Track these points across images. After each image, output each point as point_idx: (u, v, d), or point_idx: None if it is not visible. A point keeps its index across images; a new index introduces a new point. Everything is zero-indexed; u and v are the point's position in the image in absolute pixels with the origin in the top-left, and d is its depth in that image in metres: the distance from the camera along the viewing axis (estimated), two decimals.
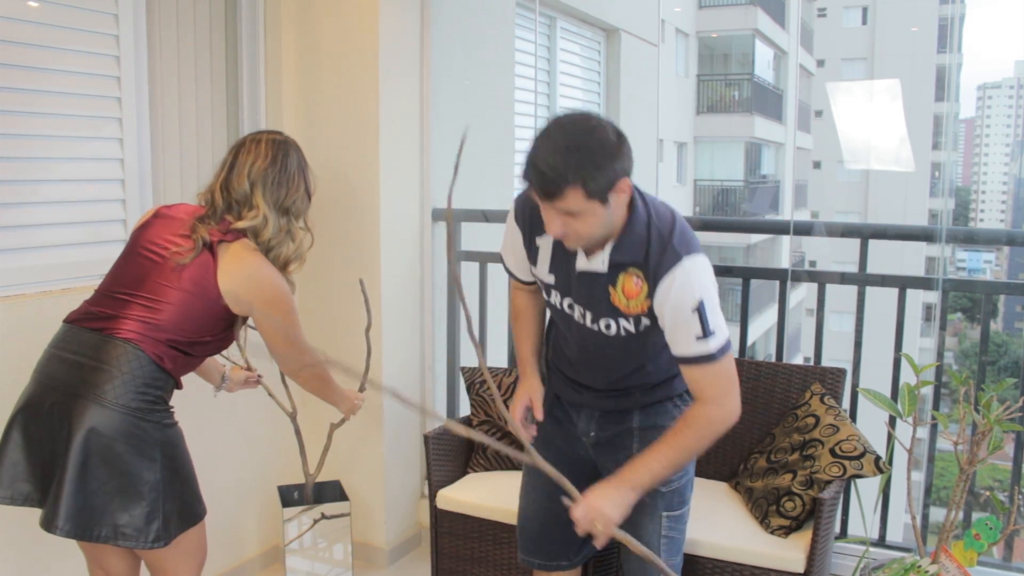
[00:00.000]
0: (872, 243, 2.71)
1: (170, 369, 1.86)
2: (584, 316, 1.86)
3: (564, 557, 2.13)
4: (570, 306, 1.88)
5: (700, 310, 1.72)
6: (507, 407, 2.73)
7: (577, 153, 1.61)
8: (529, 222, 1.90)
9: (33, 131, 2.26)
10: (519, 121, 4.32)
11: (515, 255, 1.99)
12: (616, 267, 1.78)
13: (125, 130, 2.46)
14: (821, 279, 2.77)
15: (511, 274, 2.07)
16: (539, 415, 2.02)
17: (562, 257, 1.85)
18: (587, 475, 2.06)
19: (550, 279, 1.89)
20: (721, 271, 2.97)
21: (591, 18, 5.36)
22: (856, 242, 2.73)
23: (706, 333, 1.73)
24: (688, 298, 1.72)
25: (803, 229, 2.97)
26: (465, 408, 2.99)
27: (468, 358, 3.31)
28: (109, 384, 1.77)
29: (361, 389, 2.51)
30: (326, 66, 2.89)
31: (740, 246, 13.05)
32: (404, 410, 3.09)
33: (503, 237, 2.02)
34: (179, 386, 1.95)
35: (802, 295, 10.21)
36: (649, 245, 1.75)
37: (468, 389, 2.83)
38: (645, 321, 1.80)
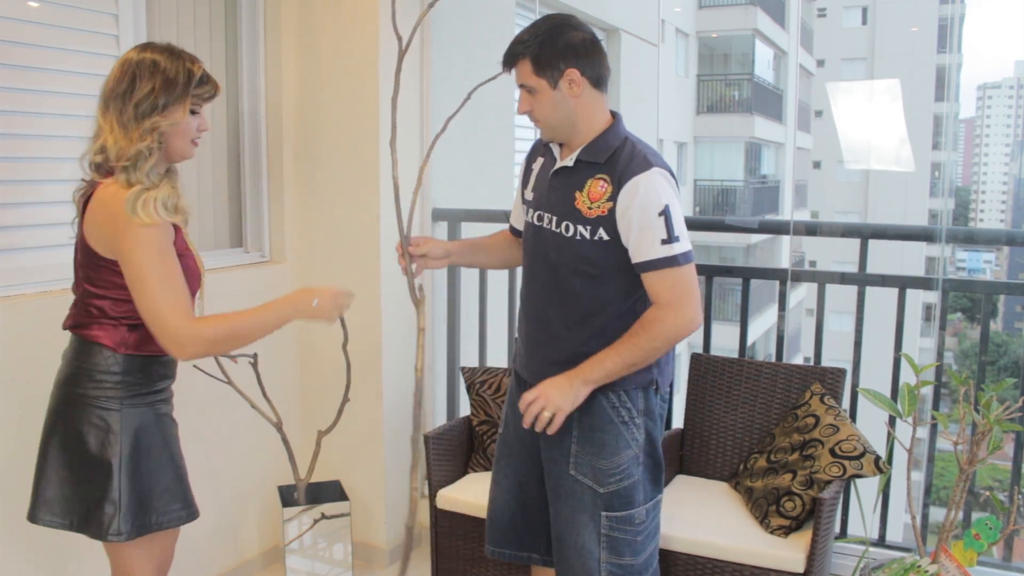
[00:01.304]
0: (872, 243, 2.71)
1: (138, 351, 1.76)
2: (551, 221, 1.92)
3: (534, 548, 2.11)
4: (539, 218, 1.96)
5: (666, 214, 1.79)
6: (500, 405, 2.75)
7: (538, 33, 1.83)
8: (532, 152, 2.08)
9: (33, 131, 2.26)
10: (519, 121, 4.32)
11: (516, 198, 2.13)
12: (585, 169, 1.88)
13: None
14: (821, 279, 2.77)
15: (511, 226, 2.21)
16: (414, 250, 2.12)
17: (544, 172, 1.99)
18: (540, 480, 2.06)
19: (530, 196, 2.01)
20: (721, 271, 2.98)
21: (591, 18, 5.36)
22: (856, 242, 2.73)
23: (671, 237, 1.79)
24: (655, 201, 1.79)
25: (802, 229, 2.98)
26: (465, 408, 2.99)
27: (468, 358, 3.31)
28: (75, 377, 1.76)
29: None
30: (326, 66, 2.89)
31: (740, 246, 13.06)
32: (404, 410, 3.09)
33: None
34: (156, 353, 1.78)
35: (802, 295, 10.21)
36: (619, 151, 1.86)
37: (468, 389, 2.83)
38: (603, 233, 1.84)
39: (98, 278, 1.74)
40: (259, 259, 2.98)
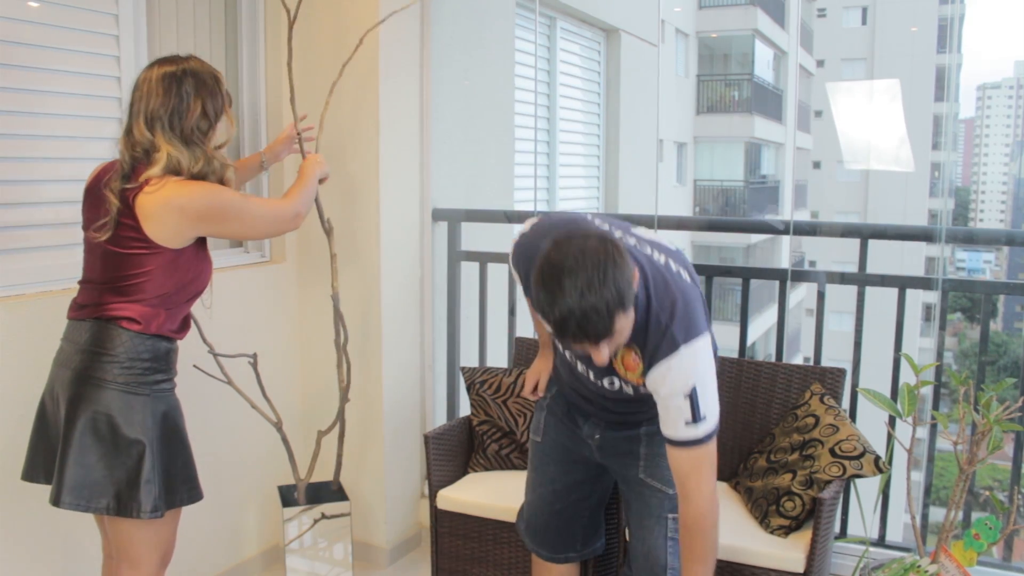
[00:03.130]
0: (872, 243, 2.71)
1: (162, 332, 1.90)
2: (587, 372, 1.94)
3: (571, 548, 2.20)
4: (572, 357, 1.97)
5: (692, 396, 1.76)
6: (506, 405, 2.76)
7: (602, 286, 1.56)
8: (526, 268, 1.87)
9: (33, 131, 2.26)
10: (519, 121, 4.31)
11: None
12: None
13: None
14: (821, 279, 2.77)
15: None
16: (541, 391, 2.19)
17: None
18: (592, 475, 2.12)
19: (551, 328, 1.80)
20: (721, 271, 2.98)
21: (591, 18, 5.36)
22: (856, 242, 2.73)
23: (696, 418, 1.76)
24: (682, 385, 1.75)
25: (803, 229, 2.98)
26: (465, 408, 3.00)
27: (468, 358, 3.31)
28: (98, 364, 1.84)
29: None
30: (326, 67, 2.89)
31: (740, 246, 13.05)
32: (404, 410, 3.09)
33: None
34: (178, 338, 1.97)
35: (802, 295, 10.21)
36: (647, 331, 1.75)
37: (468, 389, 2.83)
38: (643, 389, 1.86)
39: (129, 265, 1.84)
40: (259, 259, 2.98)
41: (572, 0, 4.88)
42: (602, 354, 1.65)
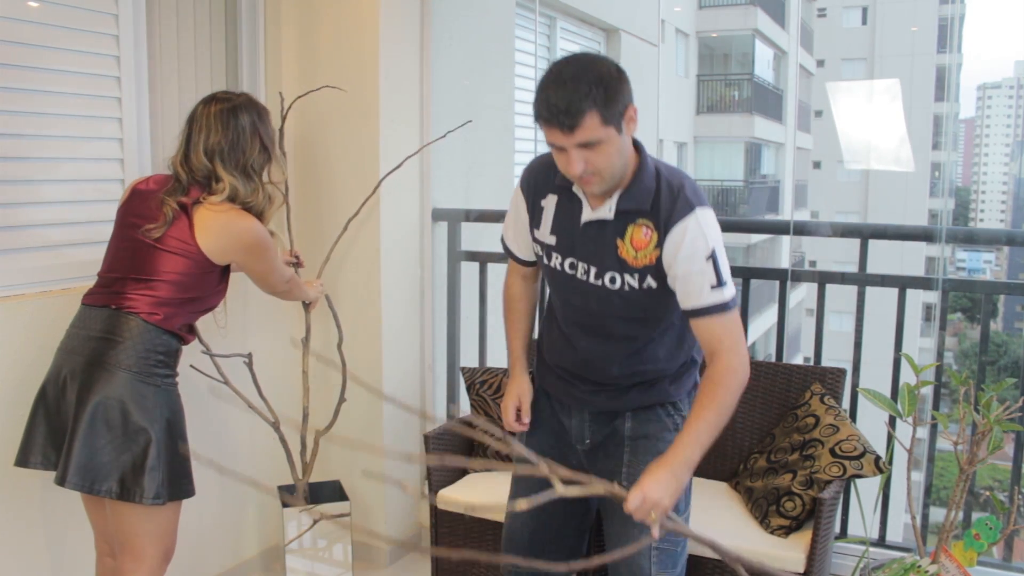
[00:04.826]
0: (872, 243, 2.71)
1: (174, 328, 2.01)
2: (588, 272, 1.81)
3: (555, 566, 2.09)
4: (572, 265, 1.83)
5: (714, 258, 1.72)
6: (499, 405, 2.74)
7: (588, 81, 1.61)
8: (534, 186, 1.90)
9: (33, 131, 2.26)
10: (519, 121, 4.31)
11: (516, 227, 1.97)
12: (624, 216, 1.76)
13: (125, 130, 2.46)
14: (821, 279, 2.77)
15: (509, 252, 2.05)
16: (526, 419, 2.02)
17: (566, 215, 1.83)
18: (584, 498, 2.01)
19: (551, 240, 1.86)
20: None
21: (591, 18, 5.35)
22: (856, 242, 2.73)
23: (720, 282, 1.72)
24: (703, 246, 1.71)
25: (803, 229, 2.98)
26: (465, 408, 3.00)
27: (468, 358, 3.31)
28: (113, 351, 1.92)
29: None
30: (326, 66, 2.89)
31: (740, 246, 13.05)
32: (404, 411, 3.09)
33: (507, 215, 2.01)
34: (185, 341, 2.09)
35: (802, 295, 10.21)
36: (659, 193, 1.74)
37: (468, 389, 2.83)
38: (651, 281, 1.77)
39: (165, 263, 1.97)
40: None
41: (572, 0, 4.87)
42: (573, 163, 1.65)
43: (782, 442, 2.45)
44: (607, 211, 1.77)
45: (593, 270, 1.80)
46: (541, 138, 1.78)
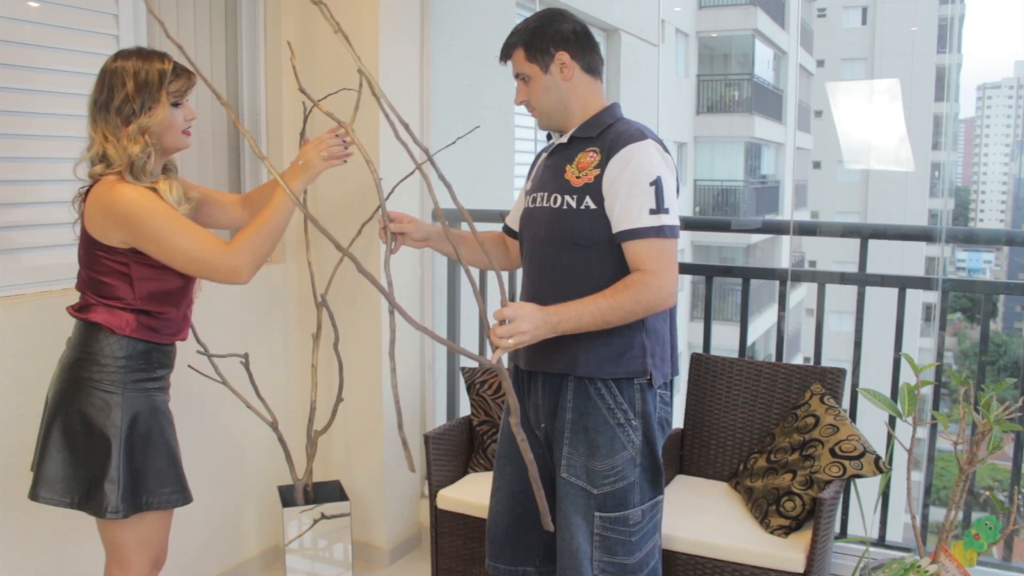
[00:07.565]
0: (872, 243, 2.71)
1: (135, 333, 1.84)
2: (541, 199, 1.96)
3: (529, 562, 2.09)
4: (534, 200, 1.99)
5: (658, 184, 1.79)
6: (500, 406, 2.75)
7: (529, 23, 1.94)
8: (540, 153, 2.12)
9: (33, 131, 2.26)
10: (519, 121, 4.32)
11: (518, 201, 2.15)
12: (578, 143, 1.92)
13: None
14: (821, 279, 2.77)
15: (506, 227, 2.21)
16: (393, 226, 2.01)
17: (543, 164, 2.03)
18: (552, 478, 2.02)
19: (528, 185, 2.07)
20: (721, 271, 2.98)
21: (591, 18, 5.36)
22: (856, 242, 2.73)
23: (660, 208, 1.79)
24: (648, 170, 1.80)
25: (803, 229, 2.98)
26: (465, 408, 3.00)
27: (468, 358, 3.31)
28: (78, 362, 1.83)
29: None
30: (326, 67, 2.89)
31: (740, 246, 13.06)
32: (404, 411, 3.09)
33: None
34: (164, 342, 1.89)
35: (802, 295, 10.22)
36: (611, 127, 1.89)
37: (468, 389, 2.83)
38: (589, 202, 1.85)
39: (97, 264, 1.83)
40: None
41: (572, 0, 4.88)
42: (517, 92, 1.97)
43: (782, 442, 2.45)
44: (564, 138, 1.96)
45: (543, 195, 1.95)
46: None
